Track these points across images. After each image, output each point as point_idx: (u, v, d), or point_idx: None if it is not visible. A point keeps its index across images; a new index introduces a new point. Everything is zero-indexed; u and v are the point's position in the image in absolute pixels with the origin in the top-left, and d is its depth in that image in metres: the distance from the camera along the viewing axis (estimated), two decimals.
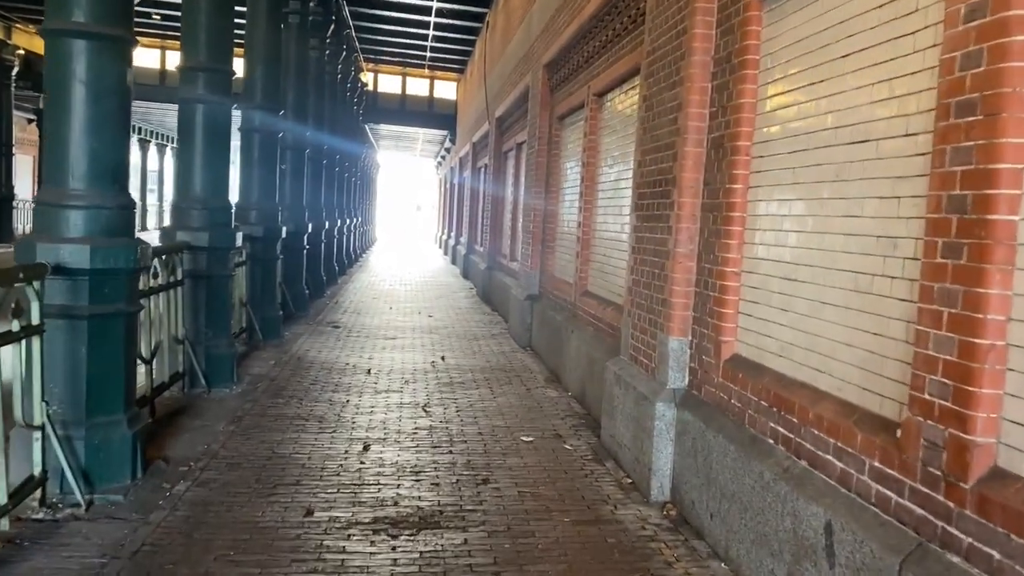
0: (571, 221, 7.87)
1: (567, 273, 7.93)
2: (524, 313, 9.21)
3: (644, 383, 4.59)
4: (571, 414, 6.17)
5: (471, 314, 12.35)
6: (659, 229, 4.57)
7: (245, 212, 8.82)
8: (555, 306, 8.11)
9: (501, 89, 13.49)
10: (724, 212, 3.94)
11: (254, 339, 8.58)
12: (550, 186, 8.85)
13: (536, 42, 9.64)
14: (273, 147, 9.18)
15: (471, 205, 19.62)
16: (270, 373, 7.22)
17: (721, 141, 4.01)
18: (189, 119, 6.38)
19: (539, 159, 9.14)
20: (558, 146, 8.72)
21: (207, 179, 6.45)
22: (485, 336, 10.07)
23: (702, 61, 4.21)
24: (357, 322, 10.85)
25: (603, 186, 6.73)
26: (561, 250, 8.40)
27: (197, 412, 5.79)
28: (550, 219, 8.85)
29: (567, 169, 8.31)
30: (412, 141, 34.27)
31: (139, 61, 23.71)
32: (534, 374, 7.67)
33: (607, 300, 6.33)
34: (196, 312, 6.38)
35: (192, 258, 6.29)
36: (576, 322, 7.03)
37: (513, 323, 9.92)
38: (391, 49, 21.84)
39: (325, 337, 9.42)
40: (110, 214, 4.05)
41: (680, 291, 4.30)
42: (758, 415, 3.46)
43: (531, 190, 9.47)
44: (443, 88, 26.35)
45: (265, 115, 8.85)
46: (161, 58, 23.82)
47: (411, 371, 7.64)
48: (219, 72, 6.41)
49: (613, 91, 6.48)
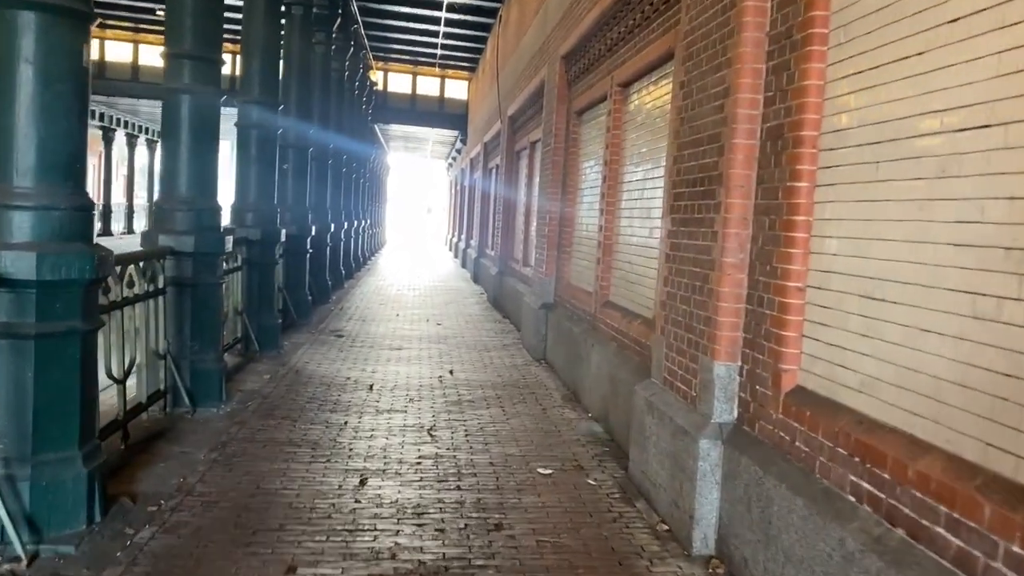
0: (590, 225, 7.25)
1: (586, 281, 7.31)
2: (538, 323, 8.60)
3: (683, 414, 3.96)
4: (593, 439, 5.55)
5: (481, 322, 11.75)
6: (701, 235, 3.94)
7: (241, 214, 8.26)
8: (572, 316, 7.49)
9: (514, 86, 12.88)
10: (784, 215, 3.31)
11: (250, 350, 8.00)
12: (567, 187, 8.23)
13: (553, 33, 9.03)
14: (272, 144, 8.62)
15: (482, 207, 19.03)
16: (263, 389, 6.63)
17: (780, 131, 3.39)
18: (174, 112, 5.81)
19: (555, 158, 8.52)
20: (576, 144, 8.11)
21: (193, 177, 5.87)
22: (496, 347, 9.45)
23: (754, 38, 3.58)
24: (362, 330, 10.26)
25: (628, 186, 6.11)
26: (579, 256, 7.78)
27: (178, 436, 5.21)
28: (567, 222, 8.23)
29: (586, 168, 7.70)
30: (422, 142, 33.73)
31: (135, 56, 23.54)
32: (550, 391, 7.05)
33: (633, 313, 5.71)
34: (180, 324, 5.80)
35: (176, 264, 5.71)
36: (596, 335, 6.41)
37: (526, 333, 9.31)
38: (401, 47, 21.29)
39: (327, 347, 8.84)
40: (62, 216, 3.46)
41: (728, 308, 3.67)
42: (833, 464, 2.83)
43: (546, 191, 8.86)
44: (454, 87, 25.78)
45: (263, 110, 8.28)
46: None
47: (417, 387, 7.04)
48: (206, 60, 5.84)
49: (640, 80, 5.86)
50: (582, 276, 7.55)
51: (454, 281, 18.95)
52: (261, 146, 8.40)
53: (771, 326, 3.37)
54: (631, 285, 5.88)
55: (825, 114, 3.17)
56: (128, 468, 4.52)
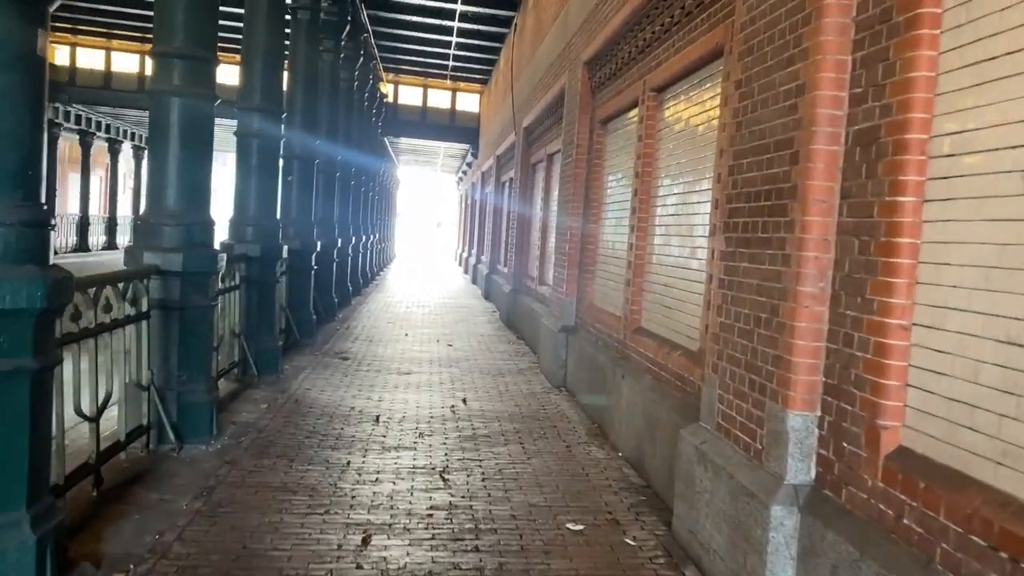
0: (618, 242, 6.65)
1: (612, 304, 6.71)
2: (557, 347, 7.99)
3: (746, 470, 3.34)
4: (626, 486, 4.92)
5: (495, 342, 11.14)
6: (767, 258, 3.33)
7: (241, 228, 7.71)
8: (597, 342, 6.88)
9: (530, 96, 12.35)
10: (881, 236, 2.71)
11: (248, 375, 7.42)
12: (590, 201, 7.65)
13: (574, 38, 8.48)
14: (274, 155, 8.08)
15: (494, 222, 18.47)
16: (259, 421, 6.03)
17: (873, 135, 2.79)
18: (162, 116, 5.26)
19: (576, 170, 7.95)
20: (600, 155, 7.53)
21: (183, 189, 5.31)
22: (512, 371, 8.84)
23: (837, 25, 3.00)
24: (368, 352, 9.67)
25: (664, 200, 5.51)
26: (604, 276, 7.17)
27: (159, 479, 4.62)
28: (589, 239, 7.64)
29: (612, 181, 7.11)
30: (433, 155, 33.31)
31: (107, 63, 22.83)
32: (573, 424, 6.43)
33: (671, 342, 5.09)
34: (166, 351, 5.22)
35: (162, 285, 5.15)
36: (627, 365, 5.79)
37: (544, 357, 8.70)
38: (412, 58, 20.85)
39: (331, 371, 8.25)
40: (7, 233, 2.89)
41: (804, 347, 3.06)
42: (965, 557, 2.21)
43: (566, 205, 8.28)
44: (465, 100, 25.35)
45: (265, 118, 7.75)
46: None
47: (427, 418, 6.43)
48: (199, 59, 5.30)
49: (679, 83, 5.27)
50: (608, 298, 6.95)
51: (465, 298, 18.37)
52: (263, 156, 7.83)
53: (864, 371, 2.76)
54: (668, 311, 5.27)
55: (937, 113, 2.57)
56: (97, 521, 3.93)
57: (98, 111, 23.82)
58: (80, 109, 23.70)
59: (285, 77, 10.18)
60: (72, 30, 20.99)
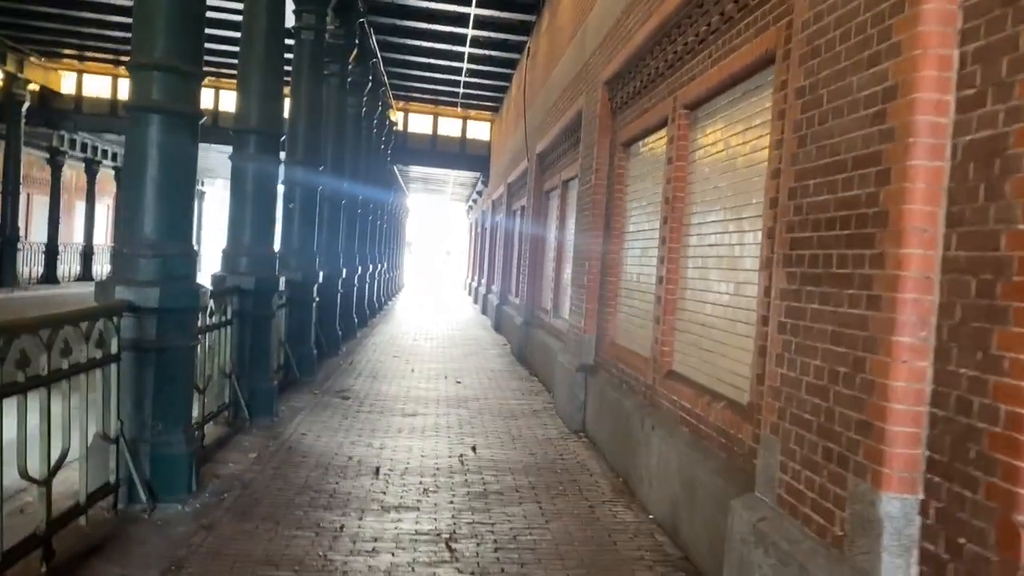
0: (645, 275, 6.06)
1: (639, 343, 6.09)
2: (575, 387, 7.36)
3: (823, 562, 2.70)
4: (661, 558, 4.26)
5: (506, 379, 10.51)
6: (845, 299, 2.73)
7: (234, 259, 7.16)
8: (620, 384, 6.26)
9: (543, 121, 11.86)
10: (1013, 275, 2.11)
11: (239, 419, 6.82)
12: (611, 229, 7.07)
13: (593, 57, 7.99)
14: (271, 182, 7.53)
15: (505, 251, 17.94)
16: (246, 474, 5.42)
17: (996, 146, 2.20)
18: (139, 135, 4.73)
19: (595, 196, 7.39)
20: (622, 180, 6.97)
21: (162, 216, 4.76)
22: (525, 412, 8.21)
23: (940, 11, 2.43)
24: (371, 390, 9.06)
25: (699, 228, 4.93)
26: (628, 312, 6.57)
27: (122, 549, 4.01)
28: (610, 271, 7.05)
29: (636, 208, 6.54)
30: (443, 184, 32.97)
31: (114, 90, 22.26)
32: (595, 478, 5.78)
33: (712, 391, 4.46)
34: (139, 398, 4.64)
35: (136, 323, 4.57)
36: (657, 414, 5.16)
37: (560, 397, 8.07)
38: (422, 85, 20.51)
39: (330, 413, 7.64)
40: None
41: (901, 412, 2.44)
42: None
43: (584, 234, 7.71)
44: (476, 128, 24.99)
45: (261, 142, 7.23)
46: None
47: (433, 470, 5.80)
48: (181, 73, 4.79)
49: (718, 98, 4.72)
50: (633, 336, 6.34)
51: (474, 329, 17.77)
52: (258, 184, 7.23)
53: (991, 448, 2.14)
54: (707, 354, 4.65)
55: None
56: None
57: (104, 139, 23.55)
58: (86, 137, 23.45)
59: (288, 103, 9.76)
60: (79, 56, 20.79)
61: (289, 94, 9.73)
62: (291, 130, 9.65)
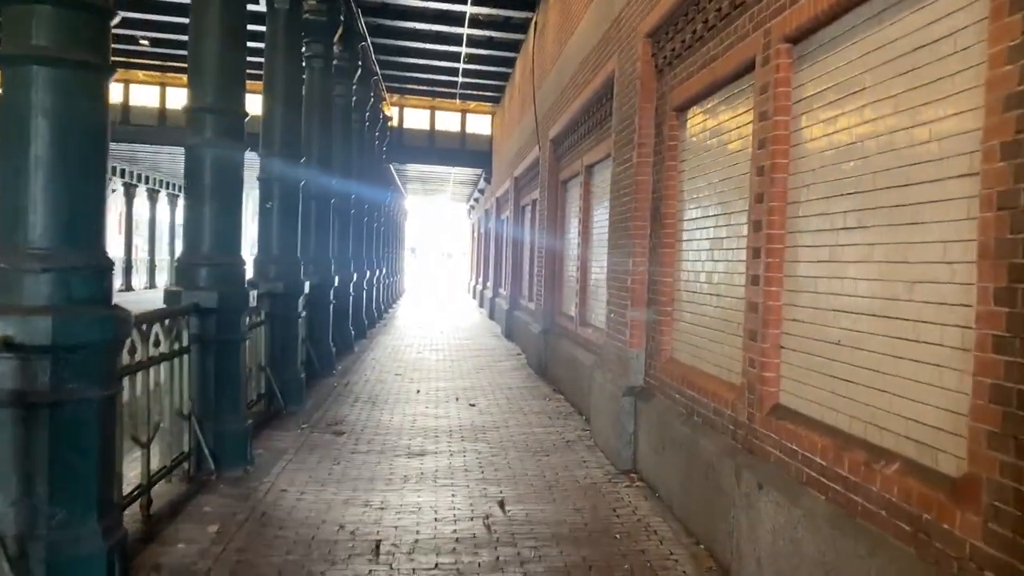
0: (719, 273, 4.63)
1: (713, 362, 4.66)
2: (621, 415, 5.93)
3: None
4: None
5: (526, 397, 9.07)
6: None
7: (191, 271, 5.68)
8: (690, 416, 4.82)
9: (558, 101, 10.42)
10: None
11: (202, 470, 5.40)
12: (662, 217, 5.64)
13: (627, 9, 6.54)
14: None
15: (514, 251, 16.49)
16: (198, 561, 3.98)
17: None
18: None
19: (638, 178, 5.96)
20: (676, 153, 5.53)
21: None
22: (557, 444, 6.76)
23: None
24: (370, 421, 7.62)
25: (823, 207, 3.48)
26: (692, 320, 5.13)
27: None
28: (663, 269, 5.62)
29: (699, 187, 5.10)
30: (442, 183, 31.48)
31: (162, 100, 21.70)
32: (667, 546, 4.33)
33: (869, 444, 3.01)
34: (30, 473, 3.20)
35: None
36: (763, 467, 3.72)
37: (600, 425, 6.64)
38: (417, 75, 19.03)
39: (318, 456, 6.20)
40: None
41: None
42: None
43: (623, 226, 6.28)
44: (476, 122, 23.56)
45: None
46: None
47: (450, 543, 4.36)
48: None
49: (846, 17, 3.26)
50: (702, 353, 4.90)
51: (483, 337, 16.33)
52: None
53: None
54: (849, 387, 3.20)
55: None
56: None
57: None
58: None
59: (262, 88, 8.35)
60: None
61: (263, 75, 8.32)
62: (267, 117, 8.25)
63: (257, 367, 7.22)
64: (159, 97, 22.14)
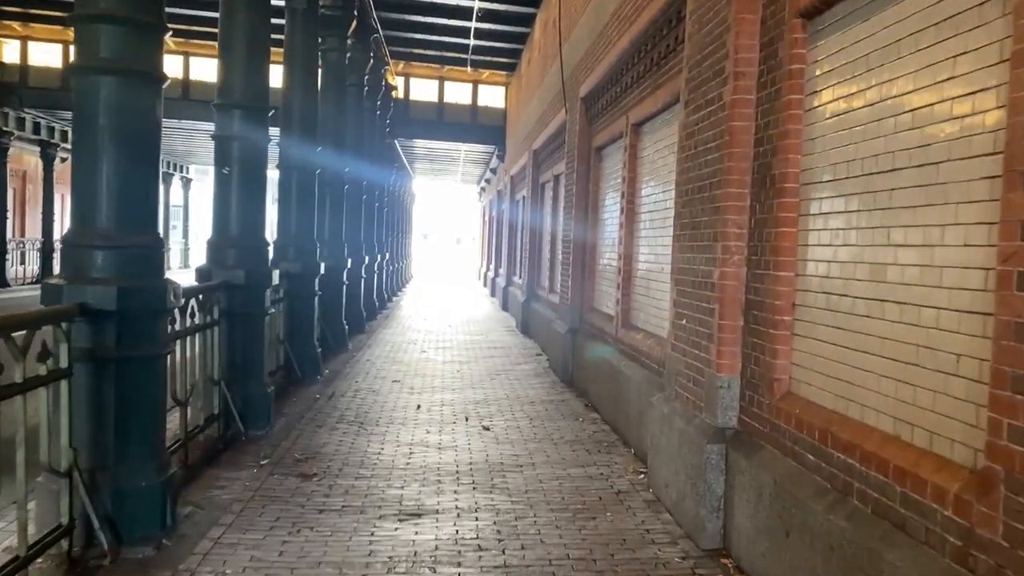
0: (899, 267, 2.79)
1: (895, 414, 2.82)
2: (705, 469, 4.11)
3: None
4: None
5: (555, 417, 7.25)
6: None
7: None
8: (846, 498, 3.00)
9: (592, 48, 8.52)
10: None
11: (93, 548, 3.61)
12: (775, 182, 3.79)
13: None
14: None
15: (531, 236, 14.64)
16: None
17: None
18: None
19: (731, 124, 4.12)
20: (798, 83, 3.66)
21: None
22: (605, 499, 4.94)
23: None
24: (353, 454, 5.81)
25: None
26: (837, 340, 3.28)
27: None
28: (776, 258, 3.78)
29: (838, 137, 3.23)
30: (451, 161, 29.51)
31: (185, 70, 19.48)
32: None
33: None
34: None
35: None
36: None
37: (665, 473, 4.83)
38: (425, 37, 17.07)
39: (271, 517, 4.40)
40: None
41: None
42: None
43: (703, 197, 4.45)
44: (489, 94, 21.64)
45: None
46: None
47: None
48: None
49: None
50: (860, 393, 3.04)
51: (496, 331, 14.51)
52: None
53: None
54: None
55: None
56: None
57: (60, 116, 20.27)
58: (39, 115, 20.28)
59: None
60: (23, 16, 17.55)
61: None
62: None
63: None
64: (183, 67, 19.60)
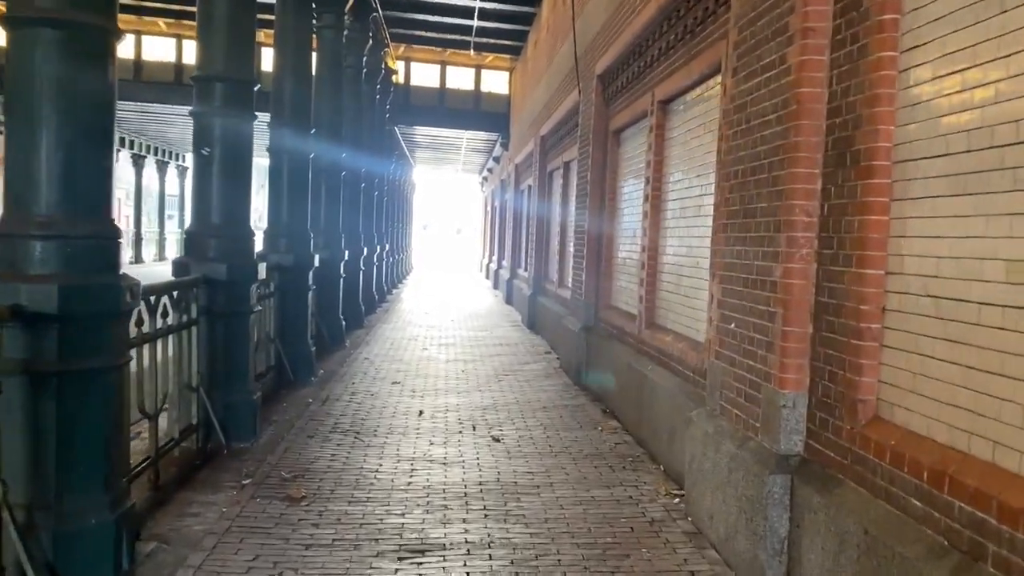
0: None
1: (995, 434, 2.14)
2: (766, 504, 3.46)
3: None
4: None
5: (571, 425, 6.59)
6: None
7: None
8: (976, 564, 2.32)
9: (612, 18, 7.78)
10: None
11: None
12: (858, 160, 3.11)
13: None
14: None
15: (538, 226, 13.94)
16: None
17: None
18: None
19: (798, 91, 3.45)
20: (892, 37, 2.96)
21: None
22: (638, 530, 4.27)
23: None
24: (347, 471, 5.14)
25: None
26: (956, 358, 2.59)
27: None
28: (859, 253, 3.11)
29: (977, 97, 2.55)
30: (453, 150, 28.77)
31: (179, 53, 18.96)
32: None
33: None
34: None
35: None
36: None
37: (710, 504, 4.17)
38: (426, 18, 16.32)
39: (249, 556, 3.75)
40: None
41: None
42: None
43: (757, 180, 3.76)
44: (492, 80, 20.92)
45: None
46: None
47: None
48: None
49: None
50: (992, 428, 2.37)
51: (502, 327, 13.84)
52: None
53: None
54: None
55: None
56: None
57: None
58: None
59: None
60: None
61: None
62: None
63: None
64: (175, 51, 19.11)
